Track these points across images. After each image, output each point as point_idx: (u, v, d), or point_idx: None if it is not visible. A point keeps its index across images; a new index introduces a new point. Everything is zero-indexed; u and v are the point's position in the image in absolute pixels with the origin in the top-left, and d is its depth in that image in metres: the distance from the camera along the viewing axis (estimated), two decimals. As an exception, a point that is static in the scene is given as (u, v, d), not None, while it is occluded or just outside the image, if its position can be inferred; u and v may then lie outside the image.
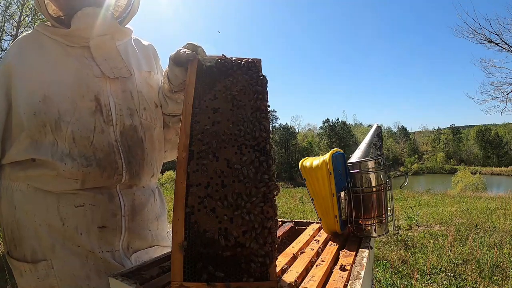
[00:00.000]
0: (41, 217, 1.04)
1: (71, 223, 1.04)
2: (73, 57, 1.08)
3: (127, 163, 1.10)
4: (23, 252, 1.06)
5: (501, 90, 13.39)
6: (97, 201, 1.06)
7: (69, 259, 1.04)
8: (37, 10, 9.62)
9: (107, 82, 1.10)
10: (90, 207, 1.05)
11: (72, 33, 1.07)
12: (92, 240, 1.06)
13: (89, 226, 1.05)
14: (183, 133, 0.83)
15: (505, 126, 66.30)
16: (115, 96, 1.11)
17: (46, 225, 1.04)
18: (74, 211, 1.04)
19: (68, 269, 1.04)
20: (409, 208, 8.25)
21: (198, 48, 1.01)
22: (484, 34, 13.02)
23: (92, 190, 1.06)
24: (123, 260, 1.10)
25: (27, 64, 1.05)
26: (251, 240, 0.76)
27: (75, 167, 1.02)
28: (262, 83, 0.91)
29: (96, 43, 1.09)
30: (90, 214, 1.05)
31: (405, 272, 3.78)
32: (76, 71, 1.06)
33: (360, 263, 0.89)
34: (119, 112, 1.10)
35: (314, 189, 1.11)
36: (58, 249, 1.04)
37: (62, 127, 1.02)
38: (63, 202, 1.04)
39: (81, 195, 1.05)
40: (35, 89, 1.03)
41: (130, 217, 1.13)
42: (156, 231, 1.23)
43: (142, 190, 1.19)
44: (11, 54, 1.08)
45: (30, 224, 1.05)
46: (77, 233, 1.04)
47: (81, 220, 1.05)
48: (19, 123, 1.04)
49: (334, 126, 62.70)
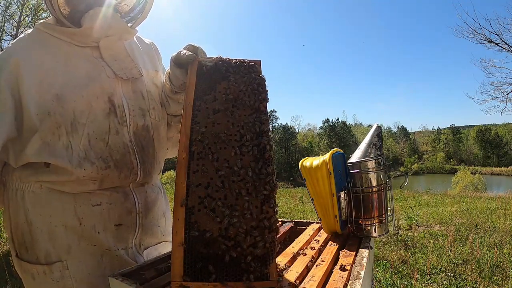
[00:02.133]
0: (57, 218, 1.04)
1: (89, 222, 1.05)
2: (83, 57, 1.07)
3: (142, 163, 1.12)
4: (36, 255, 1.05)
5: (501, 90, 13.40)
6: (113, 200, 1.08)
7: (84, 259, 1.05)
8: (37, 10, 9.62)
9: (119, 83, 1.10)
10: (107, 206, 1.07)
11: (83, 33, 1.05)
12: (109, 238, 1.07)
13: (106, 224, 1.07)
14: (183, 134, 0.84)
15: (505, 126, 66.31)
16: (128, 97, 1.12)
17: (63, 226, 1.04)
18: (92, 210, 1.05)
19: (84, 269, 1.04)
20: (409, 208, 8.25)
21: (199, 50, 1.01)
22: (484, 34, 13.04)
23: (108, 189, 1.08)
24: (136, 256, 1.12)
25: (34, 63, 1.01)
26: (251, 240, 0.77)
27: (95, 171, 1.02)
28: (262, 84, 0.91)
29: (105, 44, 1.09)
30: (107, 213, 1.07)
31: (405, 272, 3.78)
32: (88, 71, 1.05)
33: (360, 263, 0.90)
34: (132, 113, 1.12)
35: (314, 189, 1.11)
36: (73, 250, 1.04)
37: (78, 129, 1.01)
38: (80, 202, 1.04)
39: (97, 194, 1.06)
40: (46, 88, 1.00)
41: (143, 214, 1.15)
42: (164, 226, 1.26)
43: (152, 188, 1.22)
44: (16, 50, 1.03)
45: (44, 226, 1.04)
46: (94, 232, 1.05)
47: (98, 219, 1.06)
48: (32, 125, 1.00)
49: (334, 126, 62.72)
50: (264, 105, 0.89)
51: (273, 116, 59.77)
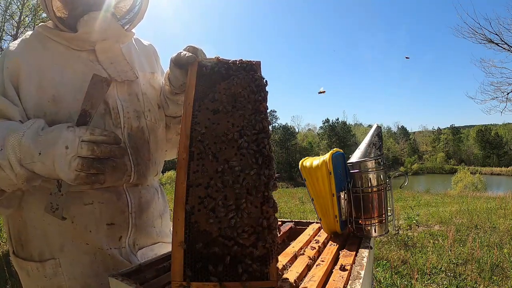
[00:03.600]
0: (50, 217, 1.03)
1: (81, 221, 1.05)
2: (80, 60, 1.09)
3: (136, 164, 1.13)
4: (30, 252, 1.07)
5: (501, 90, 13.41)
6: (105, 199, 1.09)
7: (77, 257, 1.05)
8: (37, 10, 9.62)
9: (114, 85, 1.11)
10: (99, 205, 1.07)
11: (79, 37, 1.07)
12: (101, 237, 1.08)
13: (98, 223, 1.07)
14: (183, 134, 0.84)
15: (505, 126, 66.29)
16: (123, 99, 1.13)
17: (56, 225, 1.04)
18: (84, 209, 1.06)
19: (77, 267, 1.05)
20: (409, 208, 8.26)
21: (199, 51, 1.02)
22: (484, 34, 13.04)
23: (100, 189, 1.08)
24: (130, 256, 1.12)
25: (33, 64, 1.04)
26: (250, 240, 0.77)
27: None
28: (262, 84, 0.92)
29: (102, 47, 1.11)
30: (99, 212, 1.07)
31: (405, 272, 3.78)
32: (84, 74, 1.06)
33: (360, 263, 0.90)
34: (126, 115, 1.13)
35: (314, 189, 1.11)
36: (66, 248, 1.05)
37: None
38: (72, 201, 1.05)
39: (89, 194, 1.07)
40: (44, 89, 1.02)
41: (137, 214, 1.16)
42: (160, 227, 1.26)
43: (147, 189, 1.22)
44: (16, 50, 1.06)
45: (38, 224, 1.05)
46: (86, 231, 1.06)
47: (90, 218, 1.06)
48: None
49: (334, 126, 62.72)
50: (263, 106, 0.89)
51: (273, 116, 59.75)
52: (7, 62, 1.03)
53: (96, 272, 1.06)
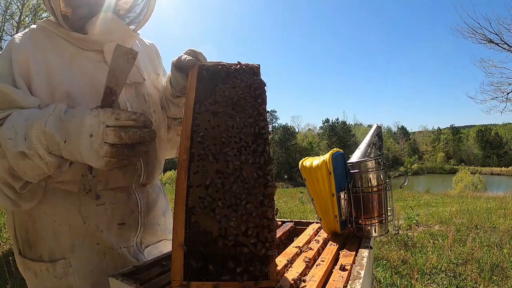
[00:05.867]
0: (61, 217, 1.05)
1: (92, 221, 1.06)
2: (88, 60, 1.08)
3: (145, 164, 1.15)
4: (39, 252, 1.06)
5: (501, 90, 13.44)
6: (117, 199, 1.10)
7: (87, 257, 1.06)
8: (37, 10, 9.63)
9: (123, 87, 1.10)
10: (111, 205, 1.09)
11: (89, 39, 1.06)
12: (112, 237, 1.09)
13: (110, 223, 1.08)
14: (184, 136, 0.84)
15: (505, 126, 66.33)
16: (131, 100, 1.13)
17: (67, 225, 1.05)
18: (96, 209, 1.07)
19: (87, 267, 1.05)
20: (409, 208, 8.26)
21: (199, 55, 1.03)
22: (484, 34, 13.07)
23: (112, 189, 1.09)
24: (138, 254, 1.14)
25: (41, 60, 1.01)
26: (250, 240, 0.77)
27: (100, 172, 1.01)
28: (261, 87, 0.93)
29: (110, 48, 1.09)
30: (111, 212, 1.09)
31: (405, 272, 3.78)
32: (93, 74, 1.06)
33: (360, 263, 0.90)
34: None
35: (314, 189, 1.11)
36: (77, 248, 1.05)
37: None
38: (84, 201, 1.05)
39: (102, 194, 1.07)
40: (56, 85, 1.00)
41: (145, 214, 1.18)
42: (164, 225, 1.28)
43: (153, 188, 1.25)
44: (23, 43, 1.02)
45: (49, 224, 1.05)
46: (98, 231, 1.07)
47: (102, 218, 1.07)
48: None
49: (334, 126, 62.75)
50: (263, 108, 0.90)
51: (273, 116, 59.82)
52: (15, 56, 0.98)
53: (106, 271, 1.06)
